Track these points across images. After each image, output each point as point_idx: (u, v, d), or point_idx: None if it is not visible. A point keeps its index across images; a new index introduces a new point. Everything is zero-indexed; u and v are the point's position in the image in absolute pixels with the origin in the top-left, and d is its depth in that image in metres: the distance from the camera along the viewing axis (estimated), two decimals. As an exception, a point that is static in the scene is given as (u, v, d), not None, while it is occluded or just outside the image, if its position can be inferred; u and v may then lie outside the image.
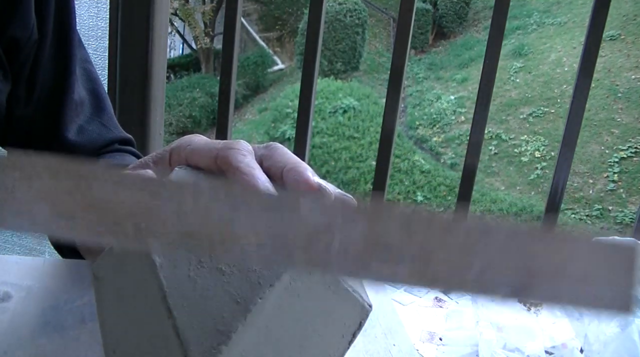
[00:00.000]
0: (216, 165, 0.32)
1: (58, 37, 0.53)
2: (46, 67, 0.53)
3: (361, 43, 9.38)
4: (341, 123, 6.73)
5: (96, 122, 0.55)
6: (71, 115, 0.54)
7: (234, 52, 1.16)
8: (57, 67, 0.54)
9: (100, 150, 0.55)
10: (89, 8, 1.06)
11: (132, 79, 1.06)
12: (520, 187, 7.07)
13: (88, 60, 0.58)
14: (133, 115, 1.08)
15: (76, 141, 0.53)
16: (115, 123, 0.58)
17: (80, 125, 0.54)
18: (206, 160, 0.33)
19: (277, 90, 9.65)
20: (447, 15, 10.63)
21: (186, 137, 0.35)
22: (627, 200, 6.57)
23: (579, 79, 1.14)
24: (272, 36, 11.51)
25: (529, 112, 7.99)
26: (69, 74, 0.54)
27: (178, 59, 11.36)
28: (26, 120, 0.53)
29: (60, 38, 0.53)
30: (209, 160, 0.32)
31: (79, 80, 0.55)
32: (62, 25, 0.53)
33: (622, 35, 8.53)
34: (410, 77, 9.50)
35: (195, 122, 9.10)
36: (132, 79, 1.06)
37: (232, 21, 1.14)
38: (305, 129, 1.19)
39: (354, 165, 6.27)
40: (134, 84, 1.06)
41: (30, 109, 0.53)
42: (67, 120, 0.53)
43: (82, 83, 0.56)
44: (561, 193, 1.20)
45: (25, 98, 0.53)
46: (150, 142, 1.11)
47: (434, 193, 6.05)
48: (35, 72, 0.52)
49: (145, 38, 1.05)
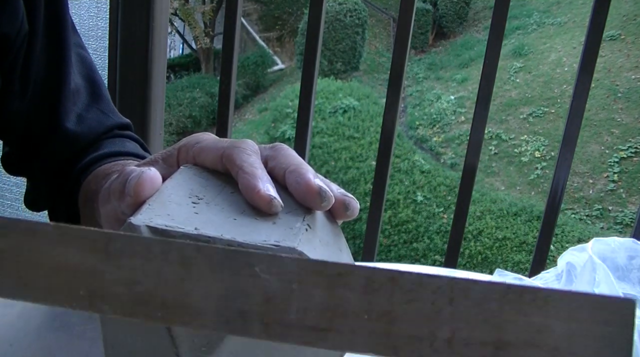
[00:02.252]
0: (222, 163, 0.33)
1: (49, 26, 0.52)
2: (40, 59, 0.52)
3: (361, 43, 9.38)
4: (341, 123, 6.72)
5: (94, 110, 0.55)
6: (69, 105, 0.53)
7: (234, 52, 1.16)
8: (51, 58, 0.53)
9: (100, 137, 0.54)
10: (89, 8, 1.06)
11: (132, 79, 1.06)
12: (520, 187, 7.07)
13: (82, 46, 0.57)
14: (133, 115, 1.08)
15: (76, 131, 0.52)
16: (112, 108, 0.57)
17: (78, 114, 0.53)
18: (212, 159, 0.33)
19: (277, 90, 9.65)
20: (447, 15, 10.63)
21: (196, 135, 0.36)
22: (627, 200, 6.56)
23: (579, 79, 1.14)
24: (272, 36, 11.51)
25: (529, 112, 7.99)
26: (64, 63, 0.53)
27: (178, 59, 11.36)
28: (23, 114, 0.52)
29: (52, 27, 0.52)
30: (215, 159, 0.33)
31: (74, 68, 0.54)
32: (54, 14, 0.52)
33: (622, 35, 8.53)
34: (410, 77, 9.50)
35: (195, 122, 9.10)
36: (132, 79, 1.06)
37: (232, 21, 1.14)
38: (305, 129, 1.19)
39: (354, 165, 6.27)
40: (134, 84, 1.06)
41: (25, 103, 0.52)
42: (66, 111, 0.52)
43: (78, 69, 0.55)
44: (561, 193, 1.20)
45: (20, 92, 0.52)
46: (150, 142, 1.11)
47: (434, 193, 6.05)
48: (29, 65, 0.52)
49: (145, 38, 1.05)
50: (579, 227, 5.86)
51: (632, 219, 6.00)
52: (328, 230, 0.32)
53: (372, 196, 1.24)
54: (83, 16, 1.06)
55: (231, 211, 0.30)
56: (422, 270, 0.71)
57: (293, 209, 0.31)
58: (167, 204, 0.30)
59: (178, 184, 0.32)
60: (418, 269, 0.73)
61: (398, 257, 5.60)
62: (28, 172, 0.56)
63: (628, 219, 6.24)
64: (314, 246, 0.29)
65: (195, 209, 0.30)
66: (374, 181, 1.24)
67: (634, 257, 0.68)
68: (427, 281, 0.16)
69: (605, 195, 6.71)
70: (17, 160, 0.55)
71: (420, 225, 5.72)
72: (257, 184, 0.30)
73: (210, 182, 0.33)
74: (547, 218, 1.23)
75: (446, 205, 5.85)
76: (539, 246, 1.25)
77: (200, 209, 0.30)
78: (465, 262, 5.26)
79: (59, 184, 0.52)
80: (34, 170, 0.55)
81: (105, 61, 1.07)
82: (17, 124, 0.53)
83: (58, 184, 0.52)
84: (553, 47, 8.96)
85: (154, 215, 0.29)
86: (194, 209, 0.30)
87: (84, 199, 0.48)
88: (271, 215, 0.30)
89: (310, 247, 0.28)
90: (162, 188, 0.31)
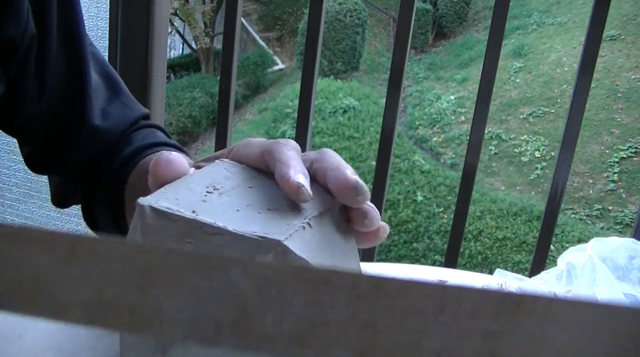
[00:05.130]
0: (263, 159, 0.34)
1: (64, 25, 0.52)
2: (56, 60, 0.52)
3: (361, 43, 9.38)
4: (341, 123, 6.73)
5: (117, 103, 0.55)
6: (93, 102, 0.53)
7: (234, 52, 1.16)
8: (69, 57, 0.53)
9: (127, 130, 0.55)
10: (89, 8, 1.06)
11: (132, 79, 1.06)
12: (520, 187, 7.07)
13: (91, 43, 0.58)
14: (133, 115, 1.08)
15: (104, 126, 0.53)
16: (133, 100, 0.58)
17: (102, 109, 0.54)
18: (255, 155, 0.34)
19: (277, 90, 9.65)
20: (447, 15, 10.63)
21: (247, 139, 0.37)
22: (627, 200, 6.56)
23: (579, 79, 1.14)
24: (272, 36, 11.50)
25: (529, 112, 7.99)
26: (83, 61, 0.53)
27: (178, 59, 11.35)
28: (44, 117, 0.53)
29: (66, 26, 0.52)
30: (257, 156, 0.34)
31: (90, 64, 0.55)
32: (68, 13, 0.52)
33: (622, 35, 8.53)
34: (410, 77, 9.50)
35: (195, 122, 9.10)
36: (132, 79, 1.06)
37: (232, 21, 1.14)
38: (305, 129, 1.19)
39: (354, 165, 6.27)
40: (134, 84, 1.06)
41: (44, 105, 0.52)
42: (91, 107, 0.53)
43: (93, 67, 0.56)
44: (561, 193, 1.20)
45: (37, 96, 0.52)
46: (150, 142, 1.11)
47: (434, 193, 6.05)
48: (44, 68, 0.52)
49: (145, 38, 1.05)
50: (579, 227, 5.86)
51: (632, 219, 6.00)
52: (336, 233, 0.32)
53: (372, 196, 1.24)
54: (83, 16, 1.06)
55: (240, 202, 0.30)
56: (416, 272, 0.69)
57: (310, 208, 0.31)
58: (181, 190, 0.31)
59: (203, 175, 0.33)
60: (417, 270, 0.72)
61: (398, 257, 5.60)
62: (55, 171, 0.56)
63: (628, 219, 6.24)
64: (308, 245, 0.28)
65: (206, 198, 0.30)
66: (374, 181, 1.24)
67: (634, 257, 0.68)
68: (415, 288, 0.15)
69: (605, 195, 6.71)
70: (44, 159, 0.56)
71: (420, 225, 5.72)
72: (289, 172, 0.31)
73: (236, 176, 0.33)
74: (547, 218, 1.23)
75: (446, 205, 5.85)
76: (539, 246, 1.25)
77: (210, 198, 0.30)
78: (465, 262, 5.26)
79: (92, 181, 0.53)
80: (62, 169, 0.55)
81: (105, 61, 1.07)
82: (36, 127, 0.53)
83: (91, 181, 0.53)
84: (553, 47, 8.96)
85: (162, 198, 0.29)
86: (205, 197, 0.30)
87: (131, 192, 0.49)
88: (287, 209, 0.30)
89: (302, 245, 0.28)
90: (187, 176, 0.32)
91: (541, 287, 0.70)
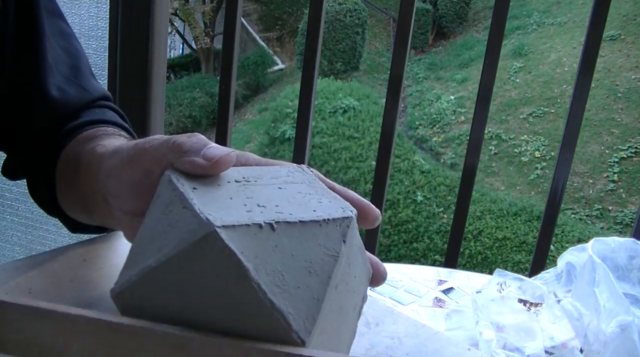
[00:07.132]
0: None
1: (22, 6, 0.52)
2: (12, 33, 0.52)
3: (361, 43, 9.38)
4: (341, 123, 6.73)
5: (74, 85, 0.55)
6: (48, 75, 0.53)
7: (234, 52, 1.16)
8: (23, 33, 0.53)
9: (79, 109, 0.55)
10: (89, 8, 1.06)
11: (132, 79, 1.06)
12: (520, 187, 7.07)
13: (57, 14, 0.57)
14: (133, 115, 1.08)
15: (57, 98, 0.53)
16: (92, 82, 0.57)
17: (58, 87, 0.54)
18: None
19: (277, 90, 9.65)
20: (447, 15, 10.63)
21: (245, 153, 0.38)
22: (627, 200, 6.57)
23: (579, 79, 1.14)
24: (272, 36, 11.51)
25: (529, 112, 7.99)
26: (37, 37, 0.53)
27: (178, 59, 11.37)
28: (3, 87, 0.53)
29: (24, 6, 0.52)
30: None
31: (50, 39, 0.54)
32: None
33: (622, 35, 8.53)
34: (410, 77, 9.51)
35: (195, 122, 9.10)
36: (132, 79, 1.06)
37: (232, 21, 1.14)
38: (305, 129, 1.19)
39: (354, 165, 6.27)
40: (134, 84, 1.06)
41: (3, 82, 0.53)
42: (45, 81, 0.53)
43: (57, 42, 0.55)
44: (561, 193, 1.20)
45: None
46: (150, 142, 1.10)
47: (434, 193, 6.05)
48: (3, 46, 0.52)
49: (145, 38, 1.05)
50: (579, 227, 5.86)
51: (632, 219, 6.00)
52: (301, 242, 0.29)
53: (372, 195, 1.24)
54: (83, 16, 1.06)
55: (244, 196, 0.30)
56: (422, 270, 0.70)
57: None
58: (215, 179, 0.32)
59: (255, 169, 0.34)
60: (418, 269, 0.73)
61: (398, 257, 5.60)
62: (7, 143, 0.56)
63: (628, 219, 6.24)
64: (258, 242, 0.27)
65: (222, 185, 0.31)
66: (374, 181, 1.24)
67: (634, 257, 0.68)
68: None
69: (605, 195, 6.71)
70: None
71: (420, 225, 5.72)
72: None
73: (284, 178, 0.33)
74: (547, 218, 1.23)
75: (446, 205, 5.85)
76: (539, 246, 1.25)
77: (224, 187, 0.31)
78: (465, 262, 5.26)
79: (39, 152, 0.53)
80: (13, 140, 0.55)
81: (105, 61, 1.07)
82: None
83: (38, 153, 0.53)
84: (553, 47, 8.96)
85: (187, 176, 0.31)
86: (221, 185, 0.31)
87: (65, 161, 0.49)
88: None
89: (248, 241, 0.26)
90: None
91: (541, 287, 0.70)
